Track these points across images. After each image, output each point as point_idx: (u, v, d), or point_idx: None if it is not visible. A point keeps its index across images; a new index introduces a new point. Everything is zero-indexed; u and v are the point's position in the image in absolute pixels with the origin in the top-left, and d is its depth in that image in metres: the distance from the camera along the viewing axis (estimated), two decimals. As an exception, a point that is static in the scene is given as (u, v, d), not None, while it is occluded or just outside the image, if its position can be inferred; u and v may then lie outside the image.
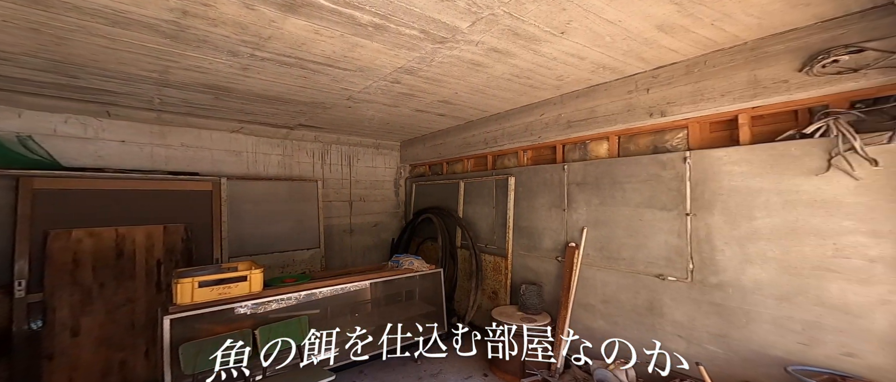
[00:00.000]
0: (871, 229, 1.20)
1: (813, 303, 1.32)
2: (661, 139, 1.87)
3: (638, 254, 1.90)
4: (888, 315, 1.17)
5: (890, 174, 1.17)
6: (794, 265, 1.37)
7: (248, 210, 3.02)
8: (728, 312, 1.56)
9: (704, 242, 1.63)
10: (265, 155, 3.33)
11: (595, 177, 2.13)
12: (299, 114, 2.85)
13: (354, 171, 3.88)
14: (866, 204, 1.21)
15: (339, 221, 3.75)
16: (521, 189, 2.65)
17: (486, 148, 2.94)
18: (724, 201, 1.56)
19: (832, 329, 1.28)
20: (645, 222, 1.86)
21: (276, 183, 3.24)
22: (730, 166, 1.55)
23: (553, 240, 2.39)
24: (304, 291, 2.00)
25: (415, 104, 2.66)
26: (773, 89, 1.40)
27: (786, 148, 1.39)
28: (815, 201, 1.31)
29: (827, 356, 1.29)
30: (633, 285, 1.93)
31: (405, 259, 2.53)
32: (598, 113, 2.07)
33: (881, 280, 1.18)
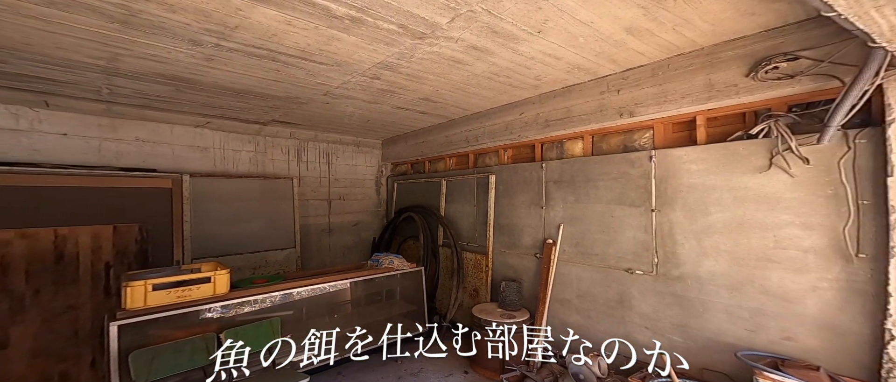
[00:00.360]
0: (803, 221, 1.36)
1: (758, 292, 1.47)
2: (631, 139, 2.00)
3: (609, 249, 2.01)
4: (818, 301, 1.33)
5: (819, 172, 1.32)
6: (742, 256, 1.51)
7: (216, 209, 2.91)
8: (687, 303, 1.69)
9: (667, 236, 1.76)
10: (235, 152, 3.21)
11: (571, 175, 2.24)
12: (273, 109, 2.77)
13: (334, 169, 3.82)
14: (800, 199, 1.36)
15: (316, 220, 3.68)
16: (502, 187, 2.73)
17: (468, 146, 3.00)
18: (684, 198, 1.70)
19: (774, 315, 1.43)
20: (616, 219, 1.98)
21: (247, 181, 3.14)
22: (689, 165, 1.68)
23: (532, 237, 2.48)
24: (277, 292, 1.95)
25: (396, 101, 2.67)
26: (724, 93, 1.54)
27: (735, 148, 1.53)
28: (759, 197, 1.46)
29: (770, 341, 1.44)
30: (604, 279, 2.05)
31: (385, 258, 2.54)
32: (574, 113, 2.18)
33: (812, 269, 1.34)
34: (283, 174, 3.43)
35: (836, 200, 1.29)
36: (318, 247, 3.66)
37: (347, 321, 2.40)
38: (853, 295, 1.25)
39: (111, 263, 2.22)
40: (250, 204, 3.12)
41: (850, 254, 1.26)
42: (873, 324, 1.21)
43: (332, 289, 2.25)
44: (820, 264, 1.32)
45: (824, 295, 1.31)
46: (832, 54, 1.26)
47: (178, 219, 2.67)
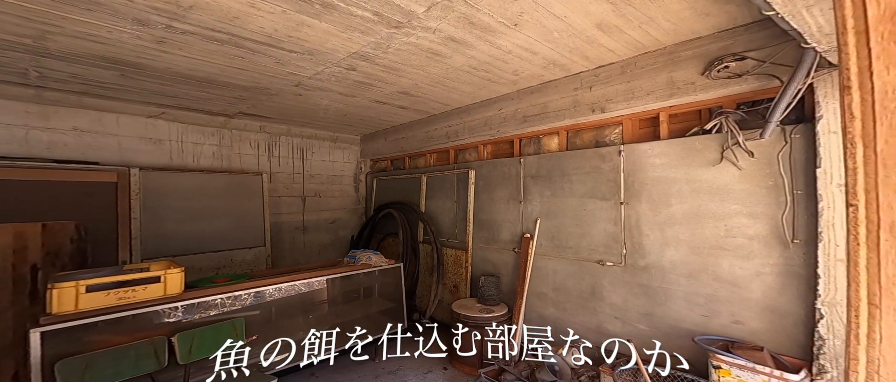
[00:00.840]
0: (749, 211, 1.50)
1: (711, 278, 1.61)
2: (602, 134, 2.13)
3: (582, 242, 2.12)
4: (761, 285, 1.47)
5: (762, 164, 1.47)
6: (698, 245, 1.65)
7: (174, 206, 2.76)
8: (652, 292, 1.82)
9: (635, 228, 1.88)
10: (196, 145, 3.06)
11: (547, 170, 2.34)
12: (239, 100, 2.66)
13: (309, 165, 3.74)
14: (746, 190, 1.51)
15: (289, 218, 3.60)
16: (482, 183, 2.80)
17: (448, 142, 3.05)
18: (649, 190, 1.82)
19: (725, 301, 1.57)
20: (588, 212, 2.09)
21: (210, 176, 3.00)
22: (653, 159, 1.82)
23: (510, 232, 2.57)
24: (239, 291, 1.89)
25: (373, 95, 2.67)
26: (684, 90, 1.68)
27: (692, 143, 1.67)
28: (712, 189, 1.60)
29: (722, 325, 1.58)
30: (578, 272, 2.16)
31: (362, 255, 2.54)
32: (550, 108, 2.29)
33: (757, 255, 1.48)
34: (252, 169, 3.32)
35: (775, 190, 1.44)
36: (291, 246, 3.57)
37: (322, 320, 2.38)
38: (790, 279, 1.40)
39: (39, 265, 2.03)
40: (214, 201, 2.98)
41: (787, 240, 1.41)
42: (806, 305, 1.36)
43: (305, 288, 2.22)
44: (763, 250, 1.46)
45: (766, 280, 1.46)
46: (773, 55, 1.41)
47: (124, 216, 2.50)
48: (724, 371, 1.40)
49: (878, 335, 0.38)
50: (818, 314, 1.28)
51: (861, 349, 0.39)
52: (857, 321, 0.39)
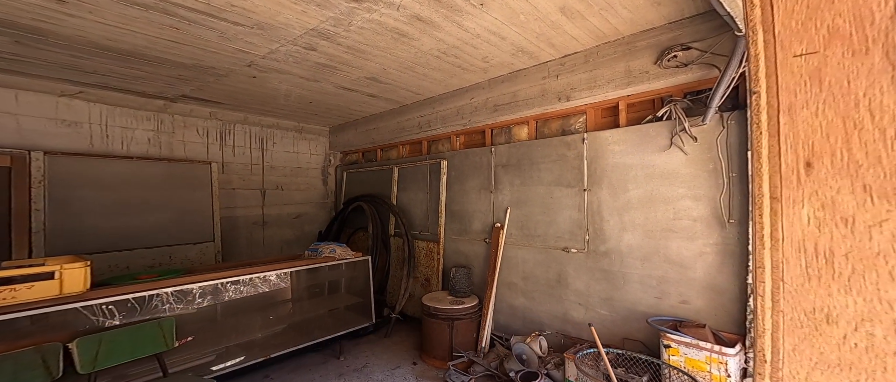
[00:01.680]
0: (694, 194, 1.66)
1: (662, 260, 1.76)
2: (568, 123, 2.26)
3: (550, 230, 2.24)
4: (704, 265, 1.63)
5: (704, 149, 1.64)
6: (651, 229, 1.79)
7: (93, 198, 2.53)
8: (612, 276, 1.95)
9: (596, 214, 2.01)
10: (126, 129, 2.79)
11: (517, 158, 2.44)
12: (180, 81, 2.48)
13: (269, 156, 3.62)
14: (691, 174, 1.67)
15: (246, 212, 3.46)
16: (454, 173, 2.87)
17: (421, 133, 3.10)
18: (610, 177, 1.96)
19: (674, 282, 1.72)
20: (555, 199, 2.21)
21: (144, 164, 2.77)
22: (613, 146, 1.96)
23: (482, 222, 2.65)
24: (169, 288, 1.71)
25: (339, 80, 2.65)
26: (640, 79, 1.83)
27: (646, 130, 1.83)
28: (663, 173, 1.76)
29: (672, 305, 1.73)
30: (546, 260, 2.27)
31: (325, 247, 2.51)
32: (519, 97, 2.39)
33: (700, 236, 1.64)
34: (199, 158, 3.13)
35: (715, 173, 1.60)
36: (249, 242, 3.44)
37: (281, 318, 2.34)
38: (727, 257, 1.57)
39: None
40: (150, 193, 2.77)
41: (724, 220, 1.57)
42: (740, 281, 1.53)
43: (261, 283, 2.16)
44: (705, 231, 1.63)
45: (708, 259, 1.62)
46: (713, 46, 1.57)
47: (21, 208, 2.24)
48: (673, 349, 1.54)
49: (781, 234, 0.38)
50: (750, 288, 1.44)
51: (766, 253, 0.39)
52: (762, 220, 0.39)
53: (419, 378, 2.20)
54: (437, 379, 2.19)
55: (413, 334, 2.87)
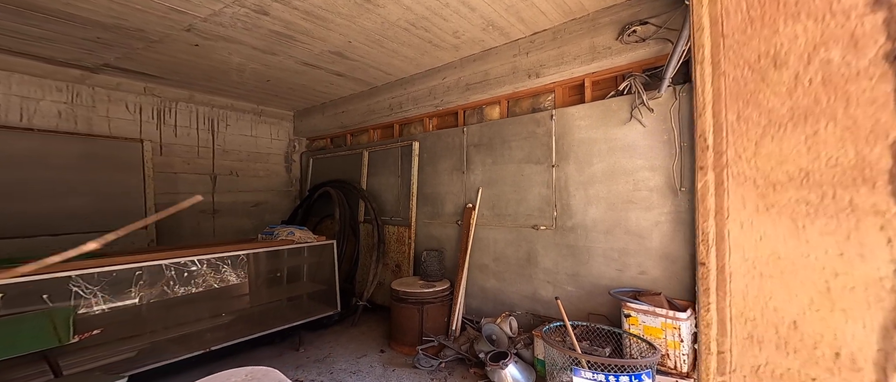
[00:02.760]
0: (651, 164, 1.80)
1: (623, 232, 1.88)
2: (538, 102, 2.36)
3: (520, 208, 2.32)
4: (659, 234, 1.77)
5: (659, 120, 1.77)
6: (613, 201, 1.92)
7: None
8: (578, 252, 2.06)
9: (563, 189, 2.12)
10: (27, 100, 2.45)
11: (489, 137, 2.52)
12: (100, 46, 2.22)
13: (221, 139, 3.42)
14: (648, 145, 1.80)
15: None
16: (426, 155, 2.91)
17: (392, 115, 3.11)
18: (576, 152, 2.07)
19: (634, 253, 1.85)
20: (525, 177, 2.30)
21: (53, 141, 2.44)
22: (579, 121, 2.07)
23: (454, 204, 2.70)
24: (64, 272, 1.46)
25: (301, 53, 2.56)
26: (603, 54, 1.95)
27: (609, 104, 1.95)
28: (624, 146, 1.88)
29: (632, 277, 1.85)
30: (516, 239, 2.35)
31: (283, 230, 2.46)
32: (491, 75, 2.47)
33: (656, 205, 1.78)
34: (128, 135, 2.84)
35: (669, 144, 1.74)
36: (195, 231, 3.22)
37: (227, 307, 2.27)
38: (679, 225, 1.71)
39: None
40: (60, 173, 2.46)
41: (677, 189, 1.71)
42: (691, 248, 1.67)
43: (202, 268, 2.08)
44: (660, 201, 1.76)
45: (663, 228, 1.75)
46: (668, 21, 1.71)
47: None
48: (633, 318, 1.65)
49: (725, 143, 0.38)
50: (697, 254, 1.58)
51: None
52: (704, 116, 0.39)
53: (386, 366, 2.21)
54: (405, 366, 2.21)
55: (382, 323, 2.87)
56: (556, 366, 1.60)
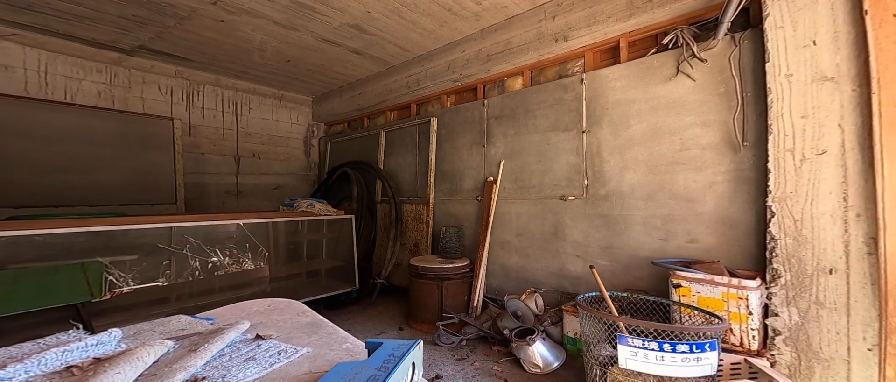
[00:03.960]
0: (703, 120, 1.50)
1: (668, 197, 1.58)
2: (565, 69, 2.07)
3: (545, 179, 2.04)
4: (714, 196, 1.46)
5: (714, 71, 1.48)
6: (655, 164, 1.62)
7: (26, 150, 2.19)
8: (612, 221, 1.76)
9: (595, 155, 1.83)
10: (70, 79, 2.43)
11: (511, 108, 2.24)
12: (135, 24, 2.14)
13: (245, 122, 3.28)
14: (700, 99, 1.51)
15: (218, 179, 3.10)
16: (444, 131, 2.64)
17: (409, 94, 2.86)
18: (610, 115, 1.78)
19: (680, 219, 1.54)
20: (551, 145, 2.02)
21: (92, 118, 2.43)
22: (613, 82, 1.78)
23: (474, 179, 2.42)
24: (99, 227, 1.37)
25: (319, 27, 2.37)
26: (643, 9, 1.66)
27: (650, 61, 1.66)
28: (669, 104, 1.59)
29: (678, 246, 1.55)
30: (541, 212, 2.06)
31: (303, 202, 2.22)
32: (514, 44, 2.19)
33: (709, 165, 1.48)
34: (160, 113, 2.77)
35: (726, 96, 1.44)
36: (220, 210, 3.08)
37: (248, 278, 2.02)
38: (740, 184, 1.40)
39: None
40: (99, 149, 2.43)
41: (738, 143, 1.41)
42: (757, 209, 1.36)
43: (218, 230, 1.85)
44: (715, 158, 1.46)
45: (719, 189, 1.45)
46: (722, -39, 1.41)
47: None
48: (685, 288, 1.35)
49: None
50: (769, 212, 1.28)
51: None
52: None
53: (405, 343, 1.93)
54: (425, 343, 1.93)
55: (400, 303, 2.60)
56: (594, 340, 1.31)
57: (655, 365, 1.10)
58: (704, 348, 1.10)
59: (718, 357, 1.09)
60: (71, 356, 0.52)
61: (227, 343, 0.59)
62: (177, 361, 0.50)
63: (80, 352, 0.53)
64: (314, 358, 0.57)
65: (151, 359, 0.50)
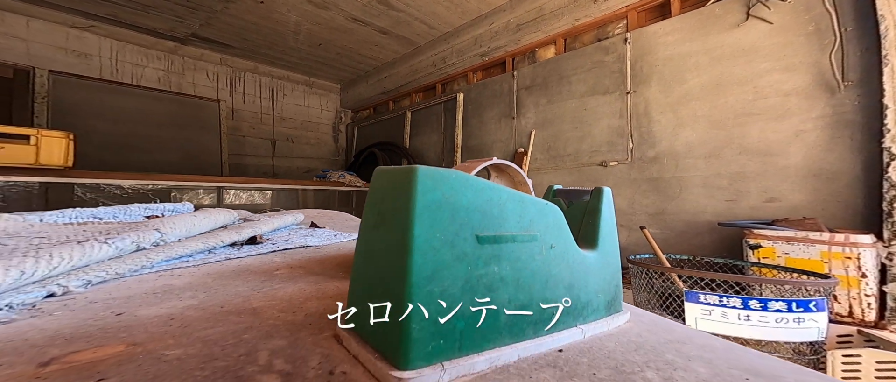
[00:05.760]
0: (784, 65, 1.19)
1: (737, 152, 1.28)
2: (604, 32, 1.79)
3: (582, 146, 1.75)
4: (802, 147, 1.15)
5: (798, 11, 1.18)
6: (719, 118, 1.32)
7: (103, 129, 2.22)
8: (664, 184, 1.46)
9: (643, 116, 1.53)
10: (136, 66, 2.48)
11: (543, 77, 1.97)
12: (188, 11, 2.13)
13: (279, 106, 3.18)
14: (780, 43, 1.20)
15: (256, 161, 3.00)
16: (471, 107, 2.38)
17: (435, 73, 2.62)
18: (661, 72, 1.49)
19: (755, 176, 1.24)
20: (589, 111, 1.73)
21: (153, 101, 2.47)
22: (664, 38, 1.49)
23: (502, 152, 2.15)
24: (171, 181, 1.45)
25: (349, 5, 2.17)
26: (701, -49, 1.37)
27: (711, 10, 1.36)
28: (736, 52, 1.29)
29: (752, 207, 1.24)
30: (578, 180, 1.77)
31: (335, 173, 2.00)
32: (546, 10, 1.92)
33: (795, 112, 1.17)
34: (208, 96, 2.75)
35: (817, 34, 1.14)
36: None
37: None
38: (840, 129, 1.09)
39: None
40: (158, 131, 2.46)
41: (836, 84, 1.10)
42: (866, 156, 1.05)
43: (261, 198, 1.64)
44: (803, 104, 1.15)
45: (809, 138, 1.14)
46: None
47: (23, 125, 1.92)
48: (766, 249, 1.04)
49: None
50: (887, 155, 0.96)
51: None
52: None
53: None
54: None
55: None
56: (646, 306, 1.00)
57: (738, 326, 0.80)
58: (809, 307, 0.79)
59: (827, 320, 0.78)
60: (150, 211, 0.61)
61: (285, 224, 0.65)
62: (243, 224, 0.57)
63: (158, 210, 0.63)
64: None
65: (223, 219, 0.56)
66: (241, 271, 0.47)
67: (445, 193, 0.24)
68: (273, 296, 0.38)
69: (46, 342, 0.27)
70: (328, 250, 0.58)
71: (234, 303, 0.35)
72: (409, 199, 0.22)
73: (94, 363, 0.24)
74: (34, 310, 0.33)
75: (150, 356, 0.24)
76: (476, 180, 0.26)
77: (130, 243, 0.44)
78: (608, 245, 0.33)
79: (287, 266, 0.49)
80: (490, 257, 0.25)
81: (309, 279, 0.44)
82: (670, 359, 0.26)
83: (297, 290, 0.40)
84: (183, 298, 0.37)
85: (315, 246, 0.57)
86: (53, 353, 0.25)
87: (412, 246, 0.22)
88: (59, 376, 0.22)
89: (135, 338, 0.27)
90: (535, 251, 0.27)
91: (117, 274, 0.40)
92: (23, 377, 0.22)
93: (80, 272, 0.38)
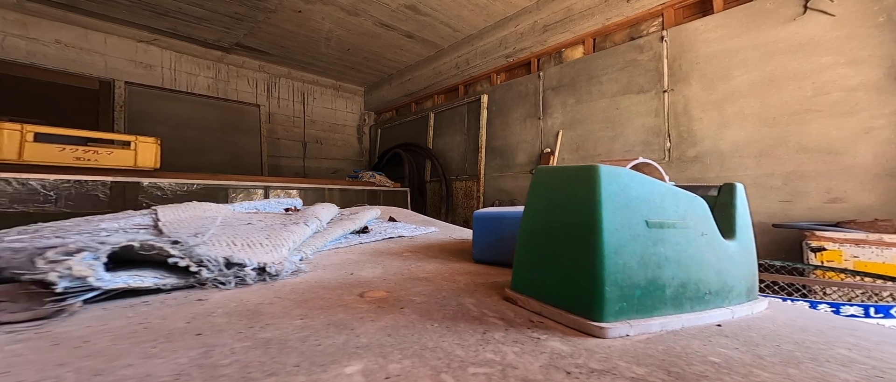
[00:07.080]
0: (850, 59, 1.07)
1: (794, 151, 1.15)
2: (637, 30, 1.67)
3: (614, 145, 1.64)
4: (872, 145, 1.03)
5: (864, 2, 1.05)
6: (772, 115, 1.20)
7: (164, 135, 2.27)
8: (707, 184, 1.34)
9: (682, 114, 1.42)
10: (190, 75, 2.59)
11: (571, 77, 1.86)
12: (235, 22, 2.19)
13: (310, 110, 3.21)
14: (844, 36, 1.08)
15: (289, 162, 3.04)
16: (495, 107, 2.29)
17: (458, 75, 2.54)
18: (702, 69, 1.37)
19: (814, 175, 1.11)
20: (621, 110, 1.62)
21: (204, 107, 2.58)
22: (706, 35, 1.37)
23: (527, 153, 2.06)
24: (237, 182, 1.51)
25: (379, 11, 2.14)
26: (750, -56, 1.25)
27: (761, 5, 1.25)
28: (792, 46, 1.17)
29: (810, 208, 1.12)
30: (608, 181, 1.66)
31: (365, 173, 1.95)
32: (575, 10, 1.82)
33: (863, 107, 1.05)
34: (249, 101, 2.82)
35: (889, 25, 1.01)
36: None
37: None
38: (917, 127, 0.96)
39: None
40: (207, 134, 2.57)
41: (915, 76, 0.97)
42: (942, 157, 0.91)
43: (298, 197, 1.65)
44: (873, 100, 1.03)
45: (880, 135, 1.02)
46: None
47: (106, 131, 2.10)
48: (831, 252, 0.92)
49: None
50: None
51: None
52: None
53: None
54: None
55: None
56: None
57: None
58: (889, 312, 0.67)
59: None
60: (284, 205, 0.76)
61: (371, 218, 0.70)
62: (344, 218, 0.66)
63: (290, 204, 0.77)
64: (442, 233, 0.69)
65: (336, 210, 0.69)
66: (378, 252, 0.53)
67: (621, 185, 0.27)
68: (426, 269, 0.42)
69: (340, 285, 0.34)
70: (421, 240, 0.64)
71: (407, 272, 0.41)
72: (593, 190, 0.26)
73: (383, 298, 0.31)
74: (303, 268, 0.40)
75: (405, 298, 0.31)
76: (640, 175, 0.28)
77: (316, 227, 0.54)
78: (745, 236, 0.34)
79: (408, 250, 0.54)
80: (657, 239, 0.27)
81: (437, 260, 0.48)
82: (852, 342, 0.24)
83: (438, 267, 0.44)
84: (373, 267, 0.43)
85: (409, 237, 0.65)
86: (358, 291, 0.32)
87: (602, 226, 0.25)
88: (373, 302, 0.29)
89: (387, 287, 0.34)
90: (690, 237, 0.29)
91: (316, 249, 0.50)
92: (357, 301, 0.29)
93: (303, 247, 0.48)
